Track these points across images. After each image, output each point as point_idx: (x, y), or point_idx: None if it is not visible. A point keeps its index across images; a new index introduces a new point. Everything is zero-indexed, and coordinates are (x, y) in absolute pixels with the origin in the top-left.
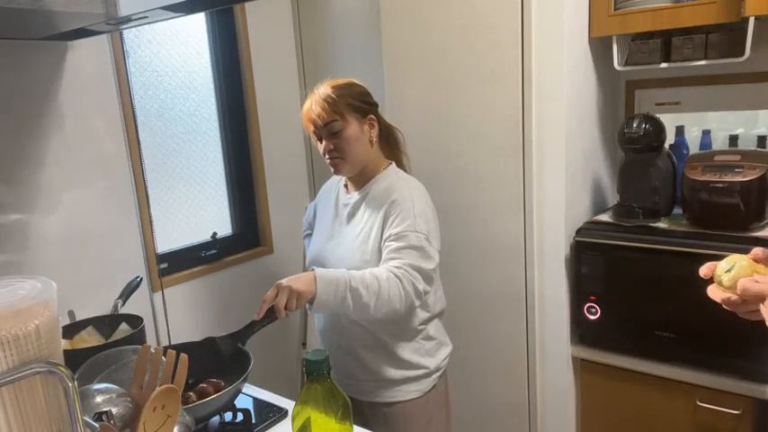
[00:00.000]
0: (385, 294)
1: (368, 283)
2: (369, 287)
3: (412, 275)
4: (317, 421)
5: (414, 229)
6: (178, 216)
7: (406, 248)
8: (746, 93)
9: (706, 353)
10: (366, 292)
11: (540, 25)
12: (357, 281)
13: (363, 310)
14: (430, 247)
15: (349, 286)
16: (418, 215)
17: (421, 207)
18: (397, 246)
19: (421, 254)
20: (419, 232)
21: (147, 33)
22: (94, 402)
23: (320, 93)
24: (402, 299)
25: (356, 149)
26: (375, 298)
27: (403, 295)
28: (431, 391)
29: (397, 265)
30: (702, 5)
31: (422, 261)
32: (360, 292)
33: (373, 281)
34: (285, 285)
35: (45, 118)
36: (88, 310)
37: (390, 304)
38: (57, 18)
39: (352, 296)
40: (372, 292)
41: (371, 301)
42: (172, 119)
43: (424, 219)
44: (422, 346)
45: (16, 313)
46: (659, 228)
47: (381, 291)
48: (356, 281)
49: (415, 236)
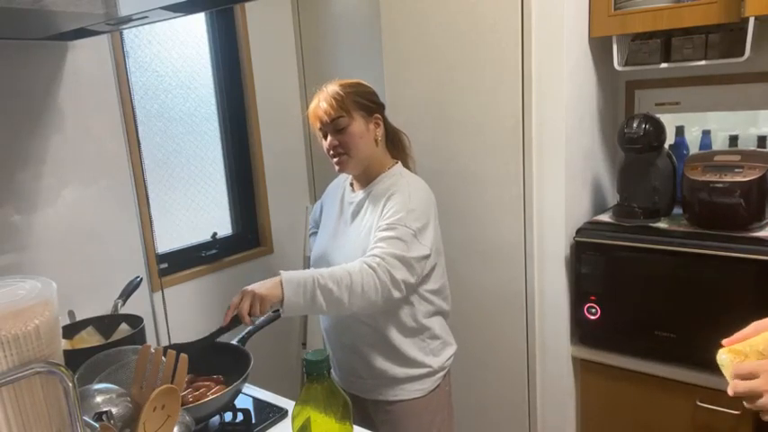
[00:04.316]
0: (358, 287)
1: (338, 278)
2: (340, 282)
3: (389, 263)
4: (316, 421)
5: (404, 224)
6: (178, 216)
7: (392, 239)
8: (746, 93)
9: (706, 353)
10: (337, 287)
11: (540, 25)
12: (326, 278)
13: (337, 306)
14: (416, 242)
15: (317, 284)
16: (412, 210)
17: (417, 203)
18: (383, 235)
19: (405, 245)
20: (408, 227)
21: (147, 33)
22: (94, 402)
23: (328, 90)
24: (378, 290)
25: (360, 146)
26: (348, 292)
27: (378, 286)
28: (434, 390)
29: (375, 253)
30: (702, 5)
31: (404, 251)
32: (329, 288)
33: (344, 275)
34: (249, 291)
35: (45, 118)
36: (88, 310)
37: (365, 296)
38: (57, 18)
39: (322, 293)
40: (344, 287)
41: (344, 295)
42: (172, 119)
43: (417, 215)
44: (427, 345)
45: (16, 313)
46: (659, 228)
47: (354, 284)
48: (325, 278)
49: (404, 230)
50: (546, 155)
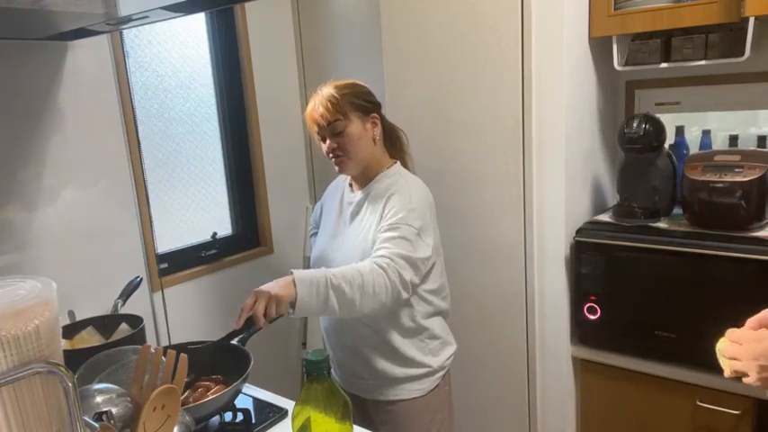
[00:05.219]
0: (369, 288)
1: (350, 278)
2: (352, 282)
3: (398, 264)
4: (316, 421)
5: (406, 223)
6: (178, 216)
7: (397, 239)
8: (746, 93)
9: (706, 353)
10: (349, 288)
11: (540, 25)
12: (339, 278)
13: (349, 307)
14: (420, 241)
15: (330, 284)
16: (412, 210)
17: (417, 203)
18: (388, 236)
19: (411, 245)
20: (411, 226)
21: (147, 33)
22: (94, 402)
23: (323, 93)
24: (388, 290)
25: (359, 147)
26: (360, 293)
27: (389, 286)
28: (434, 390)
29: (383, 254)
30: (702, 5)
31: (411, 251)
32: (342, 288)
33: (356, 275)
34: (264, 291)
35: (45, 118)
36: (88, 310)
37: (377, 298)
38: (57, 18)
39: (335, 294)
40: (356, 287)
41: (356, 296)
42: (172, 119)
43: (418, 214)
44: (426, 344)
45: (16, 313)
46: (659, 228)
47: (365, 284)
48: (338, 278)
49: (408, 229)
50: (546, 155)
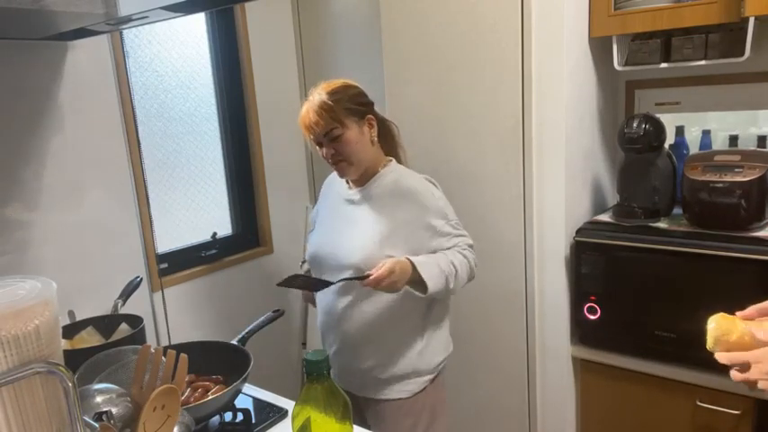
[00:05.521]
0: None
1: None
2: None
3: (472, 253)
4: (316, 421)
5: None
6: (178, 216)
7: (458, 230)
8: (746, 93)
9: (706, 353)
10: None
11: (540, 25)
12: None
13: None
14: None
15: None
16: (444, 206)
17: (440, 196)
18: (448, 229)
19: (468, 236)
20: (452, 220)
21: (147, 33)
22: (94, 402)
23: (315, 100)
24: (468, 276)
25: (358, 152)
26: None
27: (469, 273)
28: (420, 393)
29: (457, 243)
30: (702, 5)
31: (471, 240)
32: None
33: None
34: (397, 278)
35: (45, 118)
36: (88, 310)
37: (461, 283)
38: (57, 18)
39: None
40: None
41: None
42: (172, 119)
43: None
44: (418, 347)
45: (16, 313)
46: (659, 228)
47: (459, 274)
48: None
49: (456, 222)
50: (546, 155)
